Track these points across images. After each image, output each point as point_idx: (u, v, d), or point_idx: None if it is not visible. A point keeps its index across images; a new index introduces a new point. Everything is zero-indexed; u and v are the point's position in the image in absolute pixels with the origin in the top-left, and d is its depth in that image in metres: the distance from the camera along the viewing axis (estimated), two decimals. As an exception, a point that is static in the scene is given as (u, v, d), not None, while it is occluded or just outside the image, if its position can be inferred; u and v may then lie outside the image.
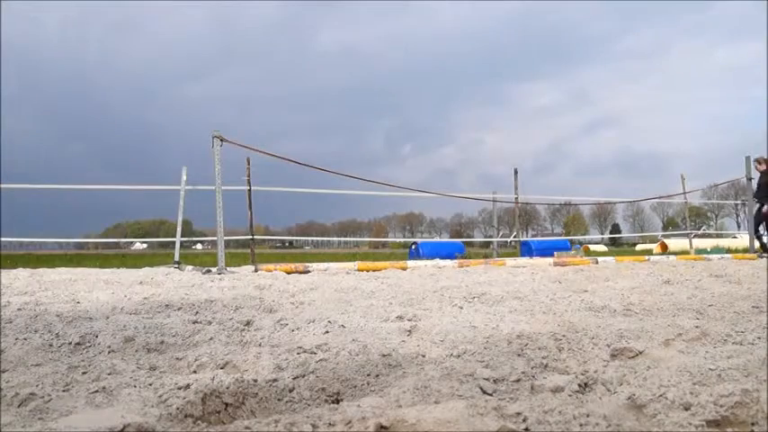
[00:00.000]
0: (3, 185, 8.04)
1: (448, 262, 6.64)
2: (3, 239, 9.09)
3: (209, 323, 2.17)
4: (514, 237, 11.27)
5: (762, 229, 10.06)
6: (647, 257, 7.72)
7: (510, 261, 6.86)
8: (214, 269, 5.54)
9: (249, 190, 6.61)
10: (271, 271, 5.39)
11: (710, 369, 1.24)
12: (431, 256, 10.44)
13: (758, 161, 9.66)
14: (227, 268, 5.58)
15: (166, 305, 2.68)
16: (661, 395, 1.05)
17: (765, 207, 9.36)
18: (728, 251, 11.78)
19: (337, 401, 1.23)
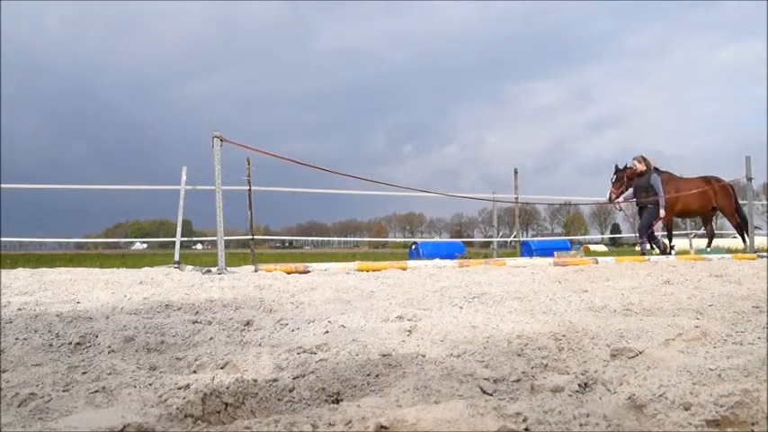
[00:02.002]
0: (3, 185, 8.04)
1: (448, 262, 6.64)
2: (3, 239, 9.09)
3: (210, 323, 2.17)
4: (514, 237, 11.28)
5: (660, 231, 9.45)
6: (647, 257, 7.72)
7: (510, 261, 6.85)
8: (214, 269, 5.54)
9: (249, 190, 6.61)
10: (271, 271, 5.39)
11: (710, 369, 1.24)
12: (431, 256, 10.44)
13: (638, 160, 9.12)
14: (227, 268, 5.57)
15: (166, 305, 2.68)
16: (661, 395, 1.05)
17: (662, 212, 8.83)
18: (728, 251, 11.77)
19: (337, 401, 1.23)
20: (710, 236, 10.14)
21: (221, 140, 5.70)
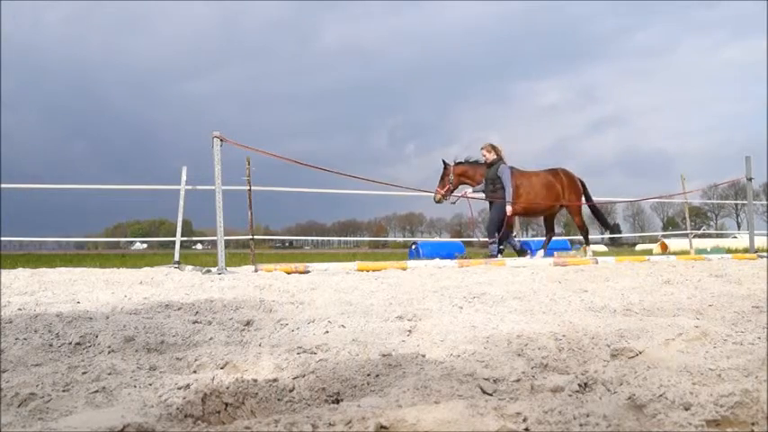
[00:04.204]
0: (3, 185, 8.04)
1: (448, 262, 6.64)
2: (3, 239, 9.10)
3: (210, 323, 2.17)
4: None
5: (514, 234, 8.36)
6: (647, 257, 7.72)
7: (510, 261, 6.85)
8: (214, 269, 5.54)
9: (249, 190, 6.61)
10: (271, 271, 5.39)
11: (710, 369, 1.24)
12: (431, 256, 10.44)
13: (486, 149, 8.12)
14: (227, 268, 5.57)
15: (166, 305, 2.68)
16: (661, 395, 1.05)
17: (509, 209, 7.80)
18: (728, 251, 11.77)
19: (337, 401, 1.23)
20: (550, 234, 9.01)
21: (221, 140, 5.71)
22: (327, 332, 1.99)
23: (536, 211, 8.55)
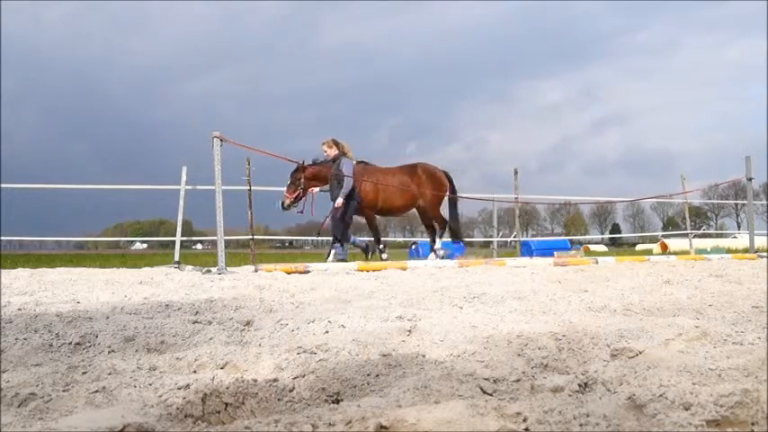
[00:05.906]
0: (3, 185, 8.04)
1: (448, 262, 6.64)
2: (3, 239, 9.10)
3: (209, 323, 2.17)
4: (514, 237, 11.26)
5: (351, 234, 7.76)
6: (647, 257, 7.72)
7: (510, 261, 6.86)
8: (214, 269, 5.54)
9: (249, 190, 6.62)
10: (271, 271, 5.39)
11: (710, 369, 1.24)
12: (431, 256, 10.41)
13: (327, 144, 7.67)
14: (227, 268, 5.58)
15: (166, 305, 2.68)
16: (661, 395, 1.05)
17: (339, 201, 7.32)
18: (728, 251, 11.77)
19: (337, 401, 1.23)
20: (452, 231, 8.39)
21: (221, 140, 5.71)
22: (327, 332, 1.99)
23: (390, 209, 8.09)
